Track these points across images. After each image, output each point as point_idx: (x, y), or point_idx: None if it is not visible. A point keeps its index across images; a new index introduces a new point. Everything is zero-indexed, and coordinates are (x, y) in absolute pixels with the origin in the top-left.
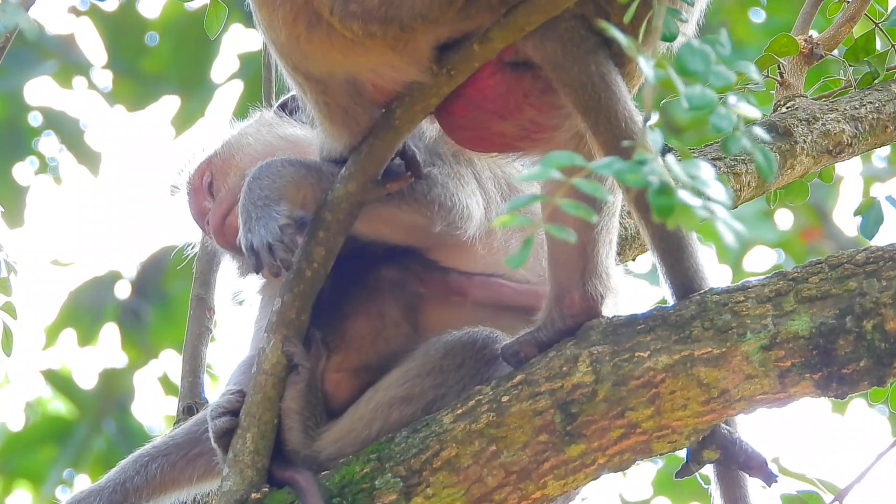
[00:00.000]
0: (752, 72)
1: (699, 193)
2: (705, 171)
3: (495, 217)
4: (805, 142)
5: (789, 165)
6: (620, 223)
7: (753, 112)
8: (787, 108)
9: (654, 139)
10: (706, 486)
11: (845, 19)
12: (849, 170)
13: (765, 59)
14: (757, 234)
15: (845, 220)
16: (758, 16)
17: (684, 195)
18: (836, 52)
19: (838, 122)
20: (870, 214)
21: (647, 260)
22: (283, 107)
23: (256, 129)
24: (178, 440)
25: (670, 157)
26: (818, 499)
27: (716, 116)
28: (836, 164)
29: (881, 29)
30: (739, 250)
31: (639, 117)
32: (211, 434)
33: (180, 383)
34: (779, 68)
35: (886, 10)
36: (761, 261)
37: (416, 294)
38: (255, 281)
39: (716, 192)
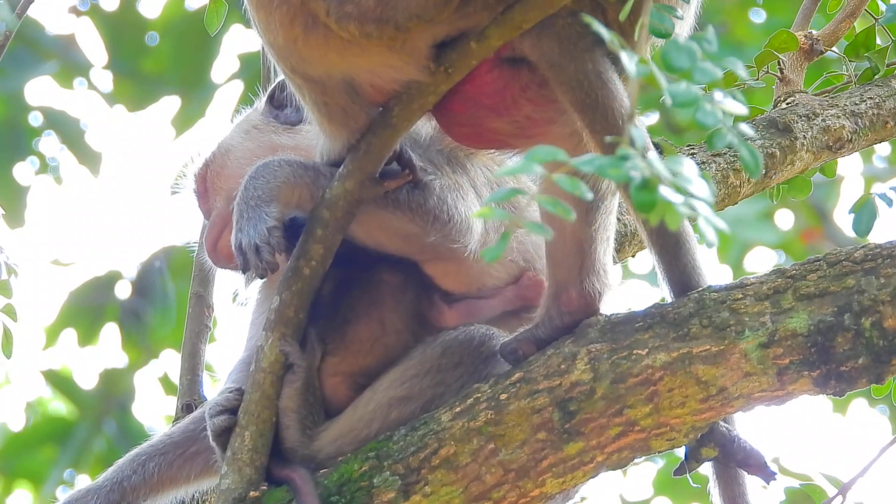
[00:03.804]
0: (740, 68)
1: (682, 190)
2: (688, 167)
3: (494, 228)
4: (805, 138)
5: (789, 161)
6: (619, 220)
7: (739, 108)
8: (787, 104)
9: (640, 135)
10: (696, 486)
11: (845, 15)
12: (850, 170)
13: (764, 56)
14: (757, 234)
15: (845, 221)
16: (758, 16)
17: (666, 191)
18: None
19: (838, 117)
20: (863, 212)
21: (647, 260)
22: (271, 98)
23: (243, 139)
24: (176, 438)
25: (653, 154)
26: (822, 492)
27: (701, 113)
28: (837, 160)
29: (881, 24)
30: (740, 251)
31: (635, 115)
32: (209, 432)
33: (179, 381)
34: (779, 64)
35: (887, 5)
36: (762, 261)
37: (417, 300)
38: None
39: (698, 188)
